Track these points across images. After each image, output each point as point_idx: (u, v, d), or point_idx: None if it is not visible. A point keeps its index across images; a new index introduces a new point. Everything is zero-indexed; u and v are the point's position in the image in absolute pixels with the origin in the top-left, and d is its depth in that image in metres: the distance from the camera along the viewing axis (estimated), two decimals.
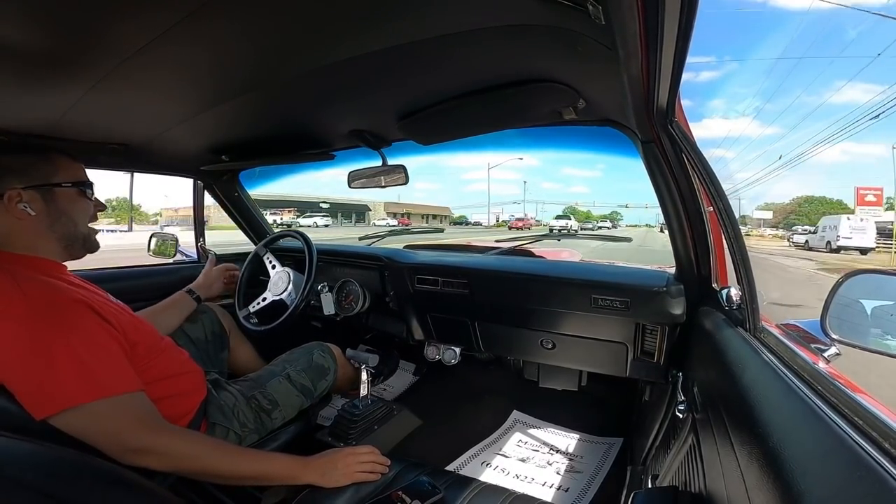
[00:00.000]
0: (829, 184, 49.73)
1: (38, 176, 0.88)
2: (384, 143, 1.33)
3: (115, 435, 0.78)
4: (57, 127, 1.09)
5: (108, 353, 0.82)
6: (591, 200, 60.53)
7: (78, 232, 0.94)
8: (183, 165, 1.65)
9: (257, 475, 0.89)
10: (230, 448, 0.95)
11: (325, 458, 0.95)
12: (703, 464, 0.67)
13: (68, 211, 0.91)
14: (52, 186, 0.89)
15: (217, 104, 1.02)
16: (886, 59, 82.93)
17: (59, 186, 0.90)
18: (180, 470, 0.84)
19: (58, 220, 0.90)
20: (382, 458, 1.00)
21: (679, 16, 0.49)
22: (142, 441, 0.79)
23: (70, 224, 0.92)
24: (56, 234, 0.90)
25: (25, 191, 0.86)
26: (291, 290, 1.58)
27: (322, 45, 0.75)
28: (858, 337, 0.69)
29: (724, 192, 0.79)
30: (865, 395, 0.47)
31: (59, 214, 0.90)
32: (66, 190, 0.91)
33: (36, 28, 0.64)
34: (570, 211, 46.56)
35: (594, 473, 1.34)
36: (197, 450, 0.85)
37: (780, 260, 13.95)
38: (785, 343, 0.67)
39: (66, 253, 0.93)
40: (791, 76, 79.03)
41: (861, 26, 64.67)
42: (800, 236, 21.32)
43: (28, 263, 0.86)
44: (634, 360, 1.27)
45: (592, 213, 61.68)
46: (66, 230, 0.91)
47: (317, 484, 0.90)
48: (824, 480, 0.36)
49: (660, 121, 0.80)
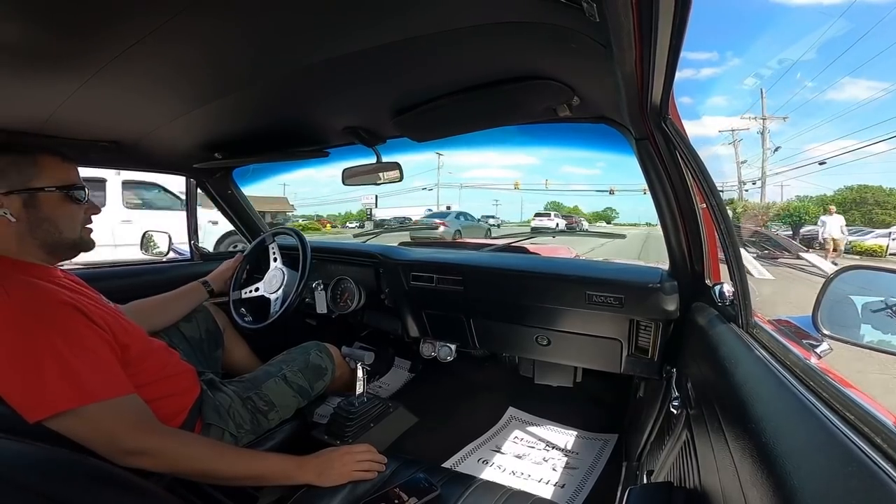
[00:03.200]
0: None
1: (19, 180, 0.84)
2: (379, 140, 1.32)
3: (109, 437, 0.77)
4: (46, 125, 1.07)
5: (96, 356, 0.81)
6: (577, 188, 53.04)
7: (63, 238, 0.89)
8: (175, 163, 1.64)
9: (253, 476, 0.89)
10: (225, 448, 0.94)
11: (321, 458, 0.95)
12: (697, 459, 0.68)
13: (52, 217, 0.87)
14: (34, 191, 0.85)
15: (209, 101, 1.01)
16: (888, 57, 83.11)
17: (42, 191, 0.85)
18: (175, 471, 0.83)
19: (39, 226, 0.85)
20: (379, 457, 1.00)
21: (673, 13, 0.49)
22: (136, 443, 0.79)
23: (53, 231, 0.87)
24: (37, 239, 0.86)
25: (6, 196, 0.82)
26: (281, 294, 1.55)
27: (316, 42, 0.75)
28: (850, 333, 0.69)
29: (717, 188, 0.80)
30: (856, 390, 0.48)
31: (41, 221, 0.85)
32: (51, 194, 0.86)
33: (25, 24, 0.63)
34: (552, 206, 44.18)
35: (590, 469, 1.35)
36: (192, 451, 0.85)
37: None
38: (777, 339, 0.67)
39: (52, 257, 0.90)
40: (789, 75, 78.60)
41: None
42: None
43: (13, 265, 0.83)
44: (629, 357, 1.28)
45: (580, 208, 59.92)
46: (48, 237, 0.87)
47: (313, 484, 0.90)
48: (816, 475, 0.36)
49: (654, 118, 0.80)
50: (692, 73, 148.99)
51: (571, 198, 57.80)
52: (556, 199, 57.26)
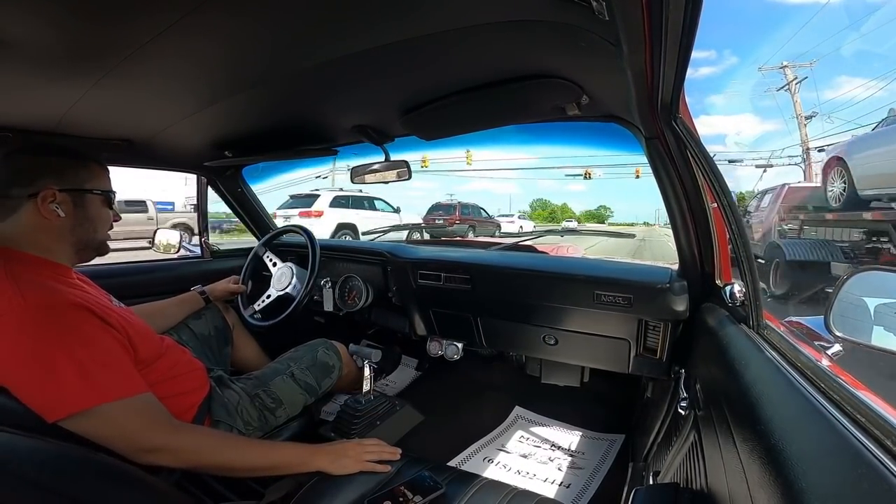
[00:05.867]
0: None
1: (75, 180, 0.89)
2: (387, 138, 1.33)
3: (127, 436, 0.78)
4: (60, 123, 1.09)
5: (110, 355, 0.82)
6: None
7: (96, 238, 0.95)
8: (186, 161, 1.66)
9: (269, 465, 0.90)
10: (240, 441, 0.96)
11: (335, 447, 0.97)
12: (704, 461, 0.67)
13: (93, 217, 0.93)
14: (85, 192, 0.91)
15: (221, 100, 1.02)
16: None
17: (92, 193, 0.92)
18: (194, 466, 0.84)
19: (81, 224, 0.91)
20: (391, 448, 1.01)
21: (683, 11, 0.49)
22: (153, 441, 0.80)
23: (91, 230, 0.93)
24: (75, 237, 0.91)
25: (61, 192, 0.86)
26: (296, 282, 1.58)
27: (326, 41, 0.75)
28: (862, 334, 0.68)
29: (728, 188, 0.78)
30: (868, 392, 0.47)
31: (84, 219, 0.91)
32: (96, 197, 0.93)
33: (39, 24, 0.64)
34: (538, 204, 40.53)
35: (595, 470, 1.35)
36: (208, 445, 0.86)
37: None
38: (788, 340, 0.67)
39: (77, 257, 0.94)
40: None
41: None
42: None
43: (36, 265, 0.85)
44: (637, 357, 1.27)
45: (568, 206, 56.97)
46: (86, 235, 0.92)
47: (326, 470, 0.91)
48: (826, 478, 0.36)
49: (664, 117, 0.79)
50: (692, 71, 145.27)
51: (561, 196, 55.18)
52: (544, 196, 55.35)
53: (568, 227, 15.03)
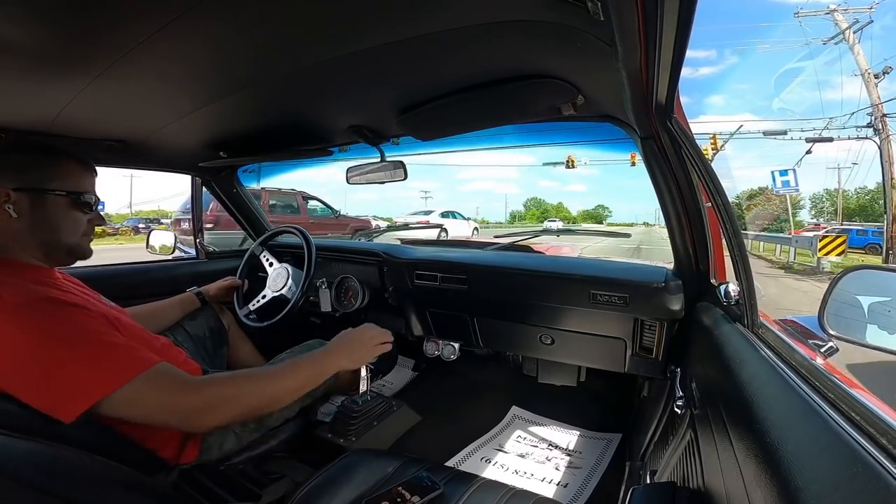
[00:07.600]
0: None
1: (35, 179, 0.85)
2: (383, 138, 1.33)
3: (163, 407, 0.75)
4: (54, 124, 1.08)
5: (112, 340, 0.78)
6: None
7: (60, 241, 0.89)
8: (181, 162, 1.65)
9: (299, 385, 0.90)
10: (265, 373, 0.92)
11: (344, 342, 1.02)
12: (701, 459, 0.68)
13: (53, 219, 0.87)
14: (43, 192, 0.85)
15: (215, 100, 1.01)
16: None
17: (52, 193, 0.86)
18: (244, 412, 0.83)
19: (40, 226, 0.86)
20: (383, 330, 1.09)
21: (678, 11, 0.49)
22: (191, 402, 0.77)
23: (51, 232, 0.87)
24: (36, 239, 0.86)
25: (16, 192, 0.82)
26: (291, 283, 1.58)
27: (321, 41, 0.75)
28: (856, 333, 0.69)
29: (723, 188, 0.79)
30: (862, 390, 0.48)
31: (42, 221, 0.86)
32: (59, 198, 0.87)
33: (32, 24, 0.64)
34: (532, 203, 39.27)
35: (593, 469, 1.35)
36: (243, 387, 0.84)
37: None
38: (783, 339, 0.67)
39: (49, 259, 0.89)
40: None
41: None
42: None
43: (9, 266, 0.82)
44: (633, 356, 1.27)
45: (564, 205, 55.52)
46: (47, 237, 0.87)
47: (347, 368, 0.98)
48: (821, 476, 0.36)
49: (659, 117, 0.80)
50: (690, 71, 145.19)
51: (560, 196, 55.00)
52: (537, 195, 54.99)
53: (550, 228, 14.44)
